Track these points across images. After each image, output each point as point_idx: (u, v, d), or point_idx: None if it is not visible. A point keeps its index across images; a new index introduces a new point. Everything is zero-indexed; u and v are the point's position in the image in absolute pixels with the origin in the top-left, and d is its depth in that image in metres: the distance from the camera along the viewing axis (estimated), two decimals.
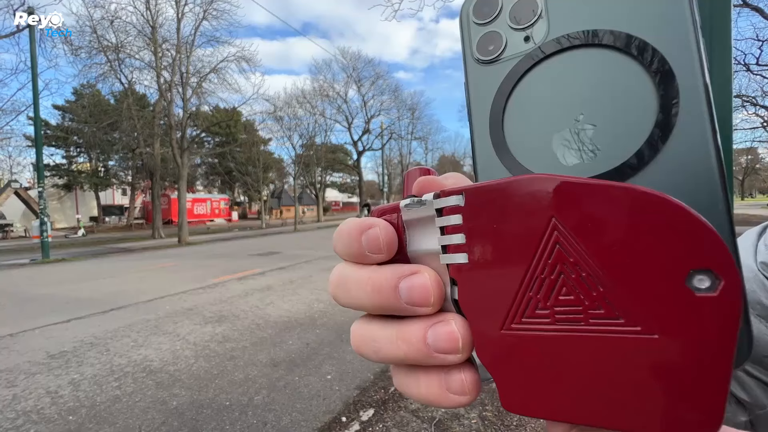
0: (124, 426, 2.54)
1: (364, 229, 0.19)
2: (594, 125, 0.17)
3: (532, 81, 0.18)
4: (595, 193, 0.14)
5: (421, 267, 0.18)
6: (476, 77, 0.20)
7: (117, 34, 17.15)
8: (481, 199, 0.16)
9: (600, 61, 0.17)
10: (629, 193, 0.13)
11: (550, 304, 0.15)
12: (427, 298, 0.18)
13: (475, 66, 0.20)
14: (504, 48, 0.19)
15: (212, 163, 40.53)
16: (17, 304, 6.08)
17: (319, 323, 4.61)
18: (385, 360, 0.19)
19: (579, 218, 0.14)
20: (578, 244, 0.14)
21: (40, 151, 12.29)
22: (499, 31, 0.20)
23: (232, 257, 11.15)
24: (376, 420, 2.53)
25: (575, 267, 0.14)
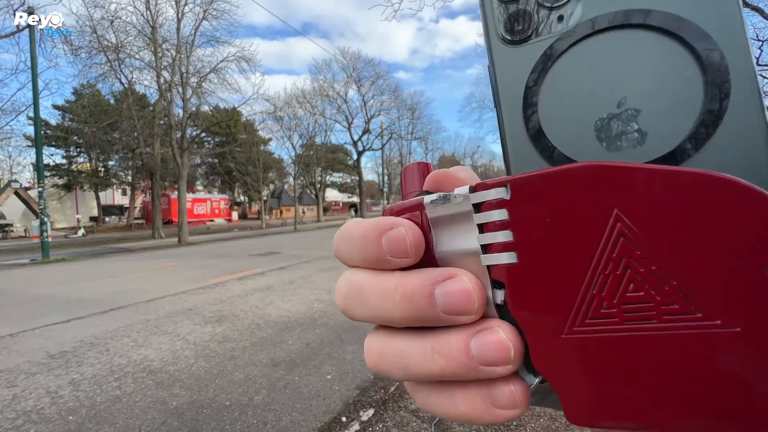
0: (124, 426, 2.54)
1: (385, 229, 0.17)
2: (640, 109, 0.16)
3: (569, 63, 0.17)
4: (663, 180, 0.13)
5: (458, 270, 0.16)
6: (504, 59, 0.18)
7: (117, 34, 17.17)
8: (530, 190, 0.15)
9: (642, 42, 0.16)
10: (701, 178, 0.12)
11: (616, 302, 0.14)
12: (470, 304, 0.16)
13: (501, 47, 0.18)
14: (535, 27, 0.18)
15: (212, 163, 40.54)
16: (17, 304, 6.08)
17: (319, 323, 4.61)
18: (415, 377, 0.17)
19: (645, 207, 0.13)
20: (646, 236, 0.13)
21: (40, 151, 12.29)
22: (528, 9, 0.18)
23: (232, 257, 11.15)
24: (376, 420, 2.53)
25: (643, 260, 0.13)
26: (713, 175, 0.12)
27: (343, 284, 0.18)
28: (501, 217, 0.15)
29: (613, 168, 0.13)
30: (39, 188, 12.43)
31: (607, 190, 0.13)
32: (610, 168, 0.13)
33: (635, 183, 0.13)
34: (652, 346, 0.13)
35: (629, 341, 0.14)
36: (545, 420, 2.38)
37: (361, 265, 0.18)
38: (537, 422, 2.36)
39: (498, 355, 0.15)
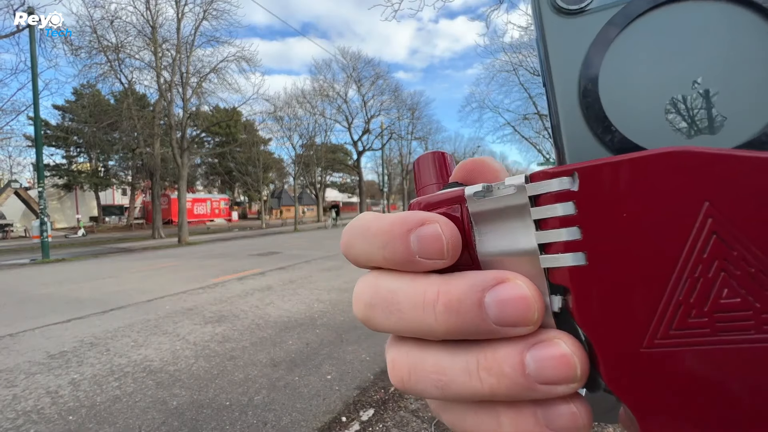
0: (124, 426, 2.54)
1: (415, 225, 0.14)
2: (716, 91, 0.14)
3: (634, 37, 0.15)
4: (762, 168, 0.11)
5: (510, 273, 0.14)
6: (558, 31, 0.16)
7: (117, 34, 17.16)
8: (603, 180, 0.13)
9: (720, 15, 0.14)
10: None
11: (708, 311, 0.12)
12: (529, 313, 0.13)
13: (554, 18, 0.16)
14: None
15: (212, 163, 40.55)
16: (17, 304, 6.08)
17: (319, 323, 4.61)
18: (457, 397, 0.14)
19: (743, 200, 0.11)
20: (744, 233, 0.12)
21: (40, 151, 12.29)
22: None
23: (232, 257, 11.15)
24: (376, 420, 2.53)
25: (741, 262, 0.12)
26: None
27: (366, 289, 0.16)
28: (567, 211, 0.13)
29: (703, 154, 0.12)
30: (39, 188, 12.44)
31: (696, 180, 0.12)
32: (699, 154, 0.12)
33: (731, 172, 0.11)
34: (751, 362, 0.11)
35: (724, 355, 0.12)
36: None
37: (384, 265, 0.15)
38: None
39: (560, 372, 0.13)
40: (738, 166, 0.11)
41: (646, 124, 0.15)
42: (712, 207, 0.12)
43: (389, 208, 52.81)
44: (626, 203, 0.13)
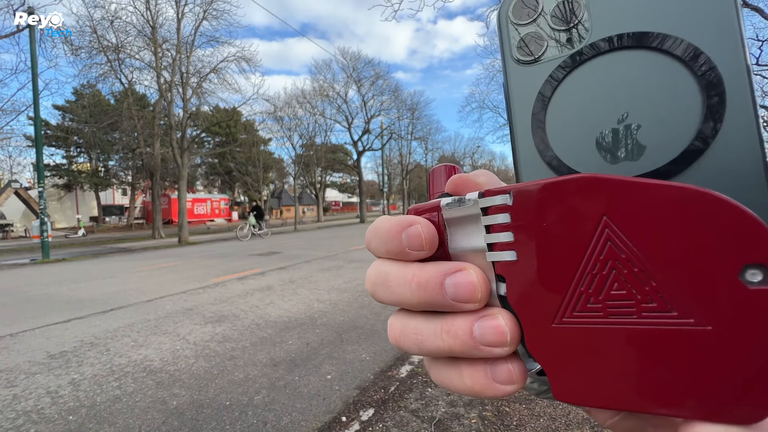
0: (125, 426, 2.54)
1: (405, 226, 0.19)
2: (639, 124, 0.17)
3: (575, 81, 0.18)
4: (648, 192, 0.14)
5: (466, 264, 0.19)
6: (517, 78, 0.20)
7: (117, 34, 17.15)
8: (529, 198, 0.17)
9: (644, 62, 0.17)
10: (683, 192, 0.14)
11: (602, 299, 0.16)
12: (474, 294, 0.18)
13: (515, 67, 0.20)
14: (545, 49, 0.19)
15: (212, 163, 40.53)
16: (17, 304, 6.08)
17: (319, 323, 4.61)
18: (427, 353, 0.20)
19: (631, 217, 0.15)
20: (631, 242, 0.15)
21: (40, 151, 12.29)
22: (539, 32, 0.19)
23: (232, 257, 11.15)
24: (376, 420, 2.53)
25: (627, 263, 0.15)
26: (695, 189, 0.14)
27: (373, 272, 0.21)
28: (504, 220, 0.17)
29: (603, 180, 0.15)
30: (39, 188, 12.43)
31: (597, 200, 0.15)
32: (600, 180, 0.15)
33: (622, 194, 0.15)
34: (630, 338, 0.15)
35: (611, 333, 0.16)
36: (545, 420, 2.38)
37: (386, 256, 0.20)
38: (537, 422, 2.36)
39: (496, 338, 0.18)
40: (627, 189, 0.15)
41: (580, 151, 0.18)
42: (608, 220, 0.15)
43: (389, 208, 52.82)
44: (545, 215, 0.16)
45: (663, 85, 0.16)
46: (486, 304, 0.19)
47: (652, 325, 0.15)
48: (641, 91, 0.17)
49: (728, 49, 0.15)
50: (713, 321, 0.14)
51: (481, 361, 0.18)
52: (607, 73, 0.18)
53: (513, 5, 0.20)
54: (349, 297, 5.89)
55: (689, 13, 0.16)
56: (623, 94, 0.17)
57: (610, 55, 0.18)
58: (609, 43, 0.17)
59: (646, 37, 0.17)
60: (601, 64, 0.18)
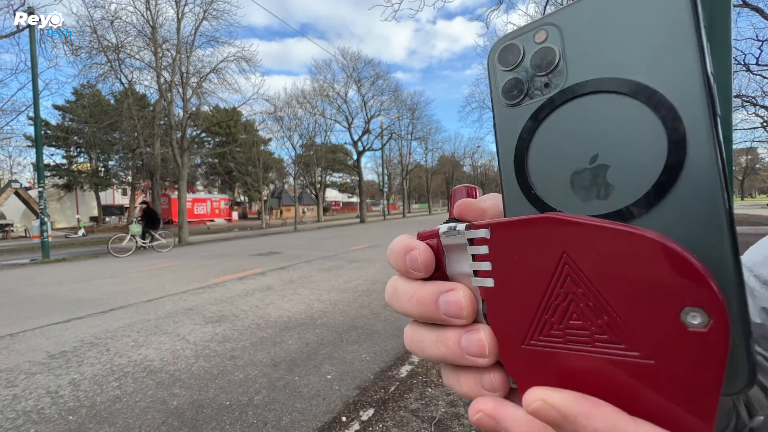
0: (125, 426, 2.54)
1: (408, 250, 0.22)
2: (608, 165, 0.18)
3: (553, 123, 0.20)
4: (602, 234, 0.16)
5: (457, 285, 0.21)
6: (502, 119, 0.22)
7: (117, 34, 17.15)
8: (503, 233, 0.19)
9: (614, 106, 0.18)
10: (632, 236, 0.15)
11: (562, 327, 0.18)
12: (461, 311, 0.21)
13: (501, 109, 0.22)
14: (526, 93, 0.21)
15: (212, 163, 40.53)
16: (17, 304, 6.08)
17: (319, 323, 4.61)
18: (429, 358, 0.23)
19: (587, 255, 0.17)
20: (586, 278, 0.17)
21: (40, 151, 12.29)
22: (521, 77, 0.21)
23: (232, 257, 11.15)
24: (376, 420, 2.53)
25: (583, 297, 0.17)
26: (640, 234, 0.15)
27: (390, 285, 0.24)
28: (484, 251, 0.20)
29: (563, 221, 0.17)
30: (39, 188, 12.43)
31: (559, 238, 0.17)
32: (562, 220, 0.17)
33: (581, 234, 0.17)
34: (584, 364, 0.17)
35: (568, 357, 0.18)
36: None
37: (398, 272, 0.24)
38: None
39: (478, 349, 0.20)
40: (585, 230, 0.16)
41: (556, 189, 0.20)
42: (568, 257, 0.17)
43: (389, 208, 52.78)
44: (515, 249, 0.19)
45: (630, 129, 0.18)
46: (475, 320, 0.21)
47: (603, 354, 0.17)
48: (610, 133, 0.18)
49: (691, 97, 0.16)
50: (655, 356, 0.15)
51: (473, 370, 0.21)
52: (580, 115, 0.19)
53: (499, 52, 0.22)
54: (349, 297, 5.89)
55: (655, 59, 0.17)
56: (594, 136, 0.19)
57: (583, 99, 0.19)
58: (581, 88, 0.19)
59: (614, 83, 0.18)
60: (575, 107, 0.19)
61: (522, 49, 0.21)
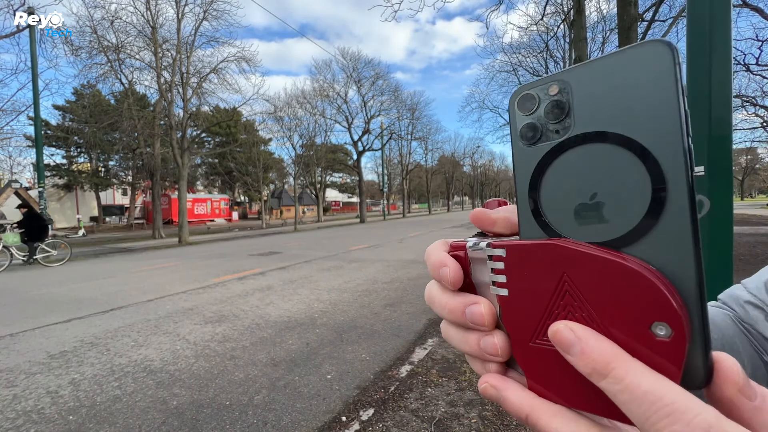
0: (125, 426, 2.54)
1: (440, 266, 0.27)
2: (605, 203, 0.22)
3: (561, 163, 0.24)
4: (592, 259, 0.21)
5: (480, 299, 0.26)
6: (520, 156, 0.26)
7: (117, 34, 17.14)
8: (517, 253, 0.24)
9: (612, 155, 0.22)
10: (615, 264, 0.20)
11: None
12: (483, 321, 0.25)
13: (519, 147, 0.26)
14: (540, 136, 0.25)
15: (212, 163, 40.52)
16: (17, 304, 6.08)
17: (319, 323, 4.61)
18: (457, 350, 0.28)
19: (581, 275, 0.21)
20: (580, 294, 0.21)
21: (41, 151, 12.30)
22: (536, 123, 0.25)
23: (232, 257, 11.15)
24: (376, 420, 2.53)
25: (578, 308, 0.21)
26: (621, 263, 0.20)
27: (428, 290, 0.29)
28: (500, 266, 0.24)
29: (565, 247, 0.22)
30: (39, 188, 12.44)
31: (560, 260, 0.22)
32: (564, 247, 0.22)
33: (577, 258, 0.21)
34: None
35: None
36: None
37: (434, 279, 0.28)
38: None
39: (492, 351, 0.25)
40: (580, 256, 0.21)
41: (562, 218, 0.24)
42: (567, 276, 0.22)
43: (389, 208, 52.74)
44: (526, 267, 0.23)
45: (623, 175, 0.22)
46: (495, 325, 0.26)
47: None
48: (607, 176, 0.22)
49: (672, 155, 0.20)
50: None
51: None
52: (584, 159, 0.23)
53: (518, 99, 0.26)
54: (349, 297, 5.89)
55: (646, 120, 0.21)
56: (594, 178, 0.23)
57: (586, 146, 0.23)
58: (585, 137, 0.23)
59: (609, 136, 0.22)
60: (580, 151, 0.23)
61: (538, 98, 0.25)
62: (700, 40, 2.82)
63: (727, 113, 2.92)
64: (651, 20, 6.63)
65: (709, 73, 2.83)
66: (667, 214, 0.20)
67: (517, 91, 0.26)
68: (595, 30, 16.09)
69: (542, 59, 18.19)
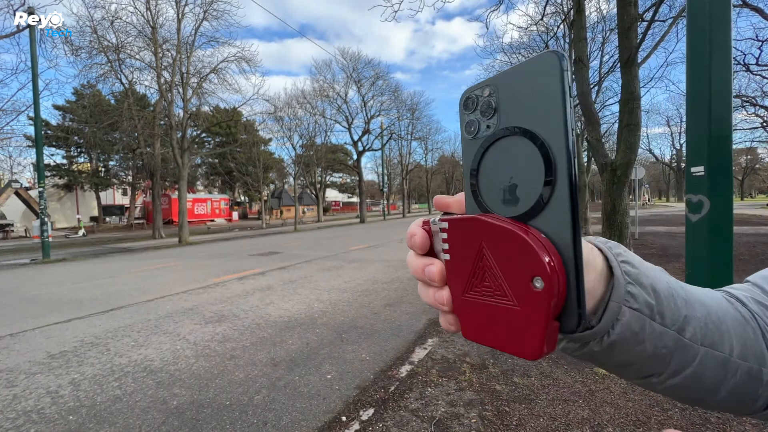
0: (125, 426, 2.54)
1: (411, 235, 0.33)
2: (517, 184, 0.28)
3: (491, 152, 0.30)
4: (497, 230, 0.27)
5: (435, 260, 0.32)
6: (465, 147, 0.32)
7: (117, 34, 17.14)
8: (453, 227, 0.30)
9: (522, 144, 0.28)
10: (509, 231, 0.26)
11: (480, 287, 0.29)
12: (434, 278, 0.32)
13: (464, 139, 0.32)
14: (478, 130, 0.30)
15: (213, 163, 40.51)
16: (17, 304, 6.08)
17: (319, 323, 4.61)
18: (424, 302, 0.34)
19: (491, 242, 0.27)
20: (491, 257, 0.28)
21: (41, 151, 12.29)
22: (475, 119, 0.31)
23: (232, 257, 11.15)
24: (376, 419, 2.53)
25: (490, 268, 0.28)
26: (512, 230, 0.26)
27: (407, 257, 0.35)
28: (445, 237, 0.31)
29: (482, 220, 0.28)
30: (39, 188, 12.43)
31: (480, 231, 0.28)
32: (481, 220, 0.28)
33: (489, 229, 0.28)
34: (491, 309, 0.28)
35: (484, 305, 0.29)
36: (545, 420, 2.38)
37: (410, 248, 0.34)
38: (537, 422, 2.36)
39: (443, 302, 0.32)
40: (491, 227, 0.27)
41: (492, 198, 0.30)
42: (484, 243, 0.28)
43: (389, 208, 52.72)
44: (459, 236, 0.29)
45: (528, 161, 0.27)
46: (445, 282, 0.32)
47: (499, 303, 0.28)
48: (519, 163, 0.28)
49: (559, 143, 0.25)
50: (520, 305, 0.26)
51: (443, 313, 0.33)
52: (506, 149, 0.29)
53: (463, 100, 0.32)
54: (349, 297, 5.89)
55: (542, 117, 0.26)
56: (512, 164, 0.28)
57: (507, 138, 0.28)
58: (506, 131, 0.29)
59: (519, 129, 0.28)
60: (503, 143, 0.29)
61: (476, 99, 0.31)
62: (700, 40, 2.82)
63: (727, 113, 2.91)
64: (651, 20, 6.62)
65: (709, 73, 2.83)
66: (555, 195, 0.26)
67: (463, 93, 0.32)
68: (595, 30, 16.07)
69: None
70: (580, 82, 7.42)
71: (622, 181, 6.16)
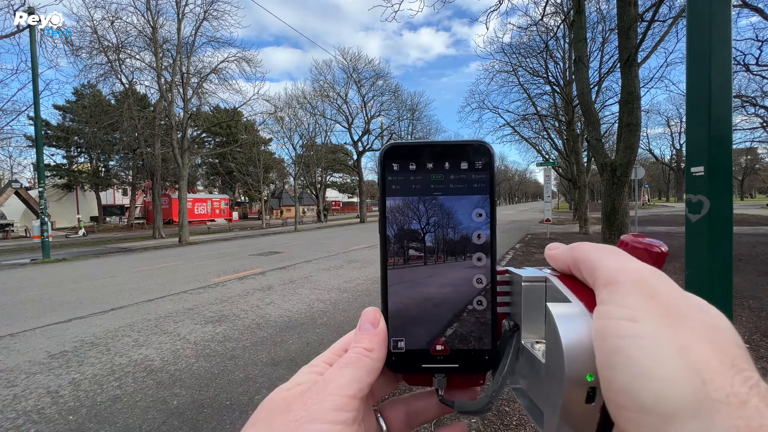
0: (125, 425, 2.54)
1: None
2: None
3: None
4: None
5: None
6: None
7: (117, 34, 17.16)
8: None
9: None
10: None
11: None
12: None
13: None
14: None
15: (213, 163, 40.51)
16: (18, 304, 6.08)
17: (320, 323, 4.61)
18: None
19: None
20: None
21: (41, 151, 12.29)
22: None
23: (232, 257, 11.15)
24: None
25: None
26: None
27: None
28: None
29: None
30: (39, 188, 12.43)
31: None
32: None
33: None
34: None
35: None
36: None
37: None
38: None
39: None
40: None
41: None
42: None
43: None
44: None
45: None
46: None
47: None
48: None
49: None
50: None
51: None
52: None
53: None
54: (349, 297, 5.89)
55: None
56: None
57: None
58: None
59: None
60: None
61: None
62: (700, 40, 2.82)
63: (727, 113, 2.91)
64: (651, 20, 6.63)
65: (709, 73, 2.83)
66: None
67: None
68: (595, 30, 16.09)
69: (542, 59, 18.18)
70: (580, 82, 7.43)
71: (622, 181, 6.17)
